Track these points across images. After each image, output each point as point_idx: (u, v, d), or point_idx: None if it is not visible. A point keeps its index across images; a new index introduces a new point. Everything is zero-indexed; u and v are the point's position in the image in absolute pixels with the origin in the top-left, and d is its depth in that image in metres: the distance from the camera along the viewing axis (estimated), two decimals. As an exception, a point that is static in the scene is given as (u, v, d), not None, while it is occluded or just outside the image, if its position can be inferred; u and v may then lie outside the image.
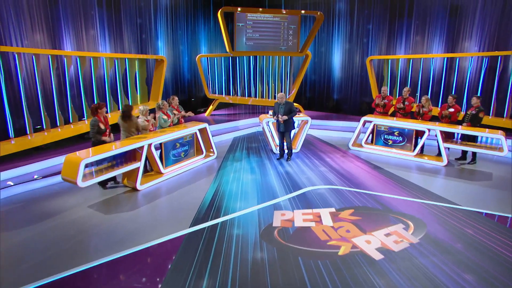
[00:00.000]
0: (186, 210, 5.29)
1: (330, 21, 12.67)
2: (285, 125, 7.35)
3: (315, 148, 8.76)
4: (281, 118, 7.25)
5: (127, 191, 6.08)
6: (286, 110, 7.25)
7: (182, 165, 7.09)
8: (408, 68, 10.61)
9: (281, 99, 7.29)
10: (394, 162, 7.65)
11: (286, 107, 7.26)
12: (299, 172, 6.98)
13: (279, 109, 7.28)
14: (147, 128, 6.58)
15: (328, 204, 5.49)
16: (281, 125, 7.38)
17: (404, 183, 6.39)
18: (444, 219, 4.99)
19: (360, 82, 12.42)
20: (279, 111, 7.29)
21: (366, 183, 6.38)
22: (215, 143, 9.01)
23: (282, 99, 7.30)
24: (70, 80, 8.03)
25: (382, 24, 11.63)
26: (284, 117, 7.23)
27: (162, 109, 6.90)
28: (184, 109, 12.89)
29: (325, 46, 13.04)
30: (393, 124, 7.90)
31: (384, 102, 8.26)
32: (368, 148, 8.34)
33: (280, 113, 7.27)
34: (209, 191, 6.01)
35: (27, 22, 7.92)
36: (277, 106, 7.36)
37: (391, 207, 5.36)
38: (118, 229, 4.73)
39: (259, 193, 5.93)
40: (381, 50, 11.75)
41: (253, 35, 10.02)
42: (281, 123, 7.33)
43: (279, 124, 7.40)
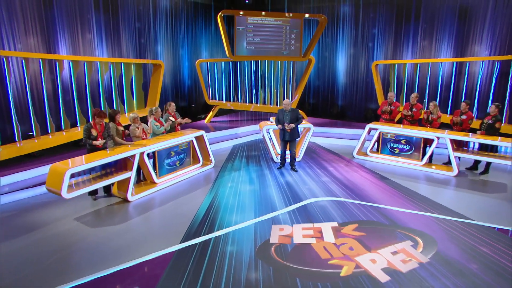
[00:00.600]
0: (178, 224, 5.00)
1: (335, 25, 12.41)
2: (291, 133, 7.00)
3: (318, 156, 8.44)
4: (288, 126, 6.89)
5: (117, 202, 5.81)
6: (293, 118, 6.94)
7: (177, 174, 6.81)
8: (416, 73, 10.29)
9: (286, 106, 6.95)
10: (401, 172, 7.31)
11: (293, 115, 6.95)
12: (300, 182, 6.66)
13: (285, 117, 6.94)
14: (139, 136, 6.32)
15: (330, 218, 5.16)
16: (287, 134, 7.01)
17: (412, 195, 6.05)
18: (456, 235, 4.64)
19: (365, 88, 12.12)
20: (284, 119, 6.94)
21: (371, 194, 6.04)
22: (214, 151, 8.74)
23: (288, 106, 6.96)
24: (63, 86, 7.80)
25: (388, 28, 11.35)
26: (291, 126, 6.89)
27: (154, 116, 6.65)
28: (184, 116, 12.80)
29: (329, 50, 12.77)
30: (400, 131, 7.57)
31: (391, 109, 7.94)
32: (374, 157, 8.01)
33: (286, 121, 6.92)
34: (204, 203, 5.72)
35: (20, 25, 7.75)
36: (282, 113, 7.00)
37: (398, 222, 5.02)
38: (103, 245, 4.44)
39: (257, 205, 5.62)
40: (387, 54, 11.45)
41: (254, 39, 9.78)
42: (288, 131, 6.96)
43: (285, 132, 7.01)
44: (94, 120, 5.63)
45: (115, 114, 6.04)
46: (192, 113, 12.95)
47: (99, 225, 5.00)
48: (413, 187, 6.39)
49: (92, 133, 5.64)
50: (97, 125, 5.67)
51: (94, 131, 5.65)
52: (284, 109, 6.96)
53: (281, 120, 6.99)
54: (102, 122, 5.69)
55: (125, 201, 5.82)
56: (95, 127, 5.66)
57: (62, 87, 7.76)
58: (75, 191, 4.98)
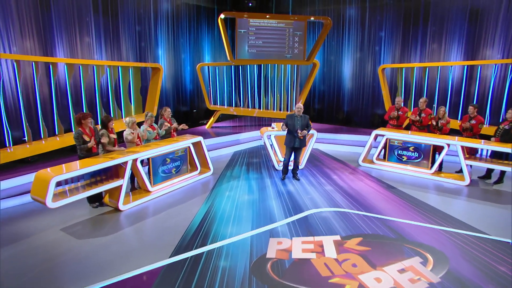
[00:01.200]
0: (169, 236, 4.73)
1: (340, 29, 12.15)
2: (302, 140, 6.64)
3: (322, 164, 8.13)
4: (301, 133, 6.48)
5: (108, 212, 5.56)
6: (304, 124, 6.58)
7: (173, 182, 6.55)
8: (424, 78, 9.94)
9: (299, 111, 6.57)
10: (409, 180, 6.96)
11: (304, 121, 6.59)
12: (302, 191, 6.35)
13: (296, 123, 6.55)
14: (133, 141, 6.09)
15: (332, 230, 4.84)
16: (297, 141, 6.60)
17: (421, 205, 5.70)
18: (469, 251, 4.29)
19: (372, 93, 11.79)
20: (296, 125, 6.54)
21: (376, 205, 5.71)
22: (214, 158, 8.51)
23: (300, 111, 6.59)
24: (57, 89, 7.62)
25: (396, 31, 11.04)
26: (304, 133, 6.51)
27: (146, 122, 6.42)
28: (186, 121, 12.58)
29: (335, 54, 12.49)
30: (408, 138, 7.23)
31: (398, 114, 7.61)
32: (380, 165, 7.67)
33: (298, 126, 6.53)
34: (199, 213, 5.44)
35: (16, 28, 7.61)
36: (293, 119, 6.57)
37: (406, 236, 4.68)
38: (87, 258, 4.18)
39: (254, 216, 5.32)
40: (394, 58, 11.13)
41: (256, 42, 9.53)
42: (299, 138, 6.56)
43: (295, 139, 6.59)
44: (82, 125, 5.39)
45: (108, 120, 5.77)
46: (193, 119, 12.75)
47: (86, 236, 4.75)
48: (422, 197, 6.05)
49: (85, 139, 5.41)
50: (86, 128, 5.44)
51: (86, 136, 5.43)
52: (296, 114, 6.58)
53: (292, 126, 6.57)
54: (90, 125, 5.46)
55: (117, 210, 5.57)
56: (85, 132, 5.43)
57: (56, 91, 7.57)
58: (61, 200, 4.73)
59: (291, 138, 6.64)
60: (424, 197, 6.06)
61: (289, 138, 6.68)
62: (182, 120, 12.61)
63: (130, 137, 6.05)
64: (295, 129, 6.53)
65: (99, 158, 5.38)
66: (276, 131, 7.59)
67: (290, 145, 6.71)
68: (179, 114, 12.52)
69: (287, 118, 6.66)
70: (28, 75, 7.31)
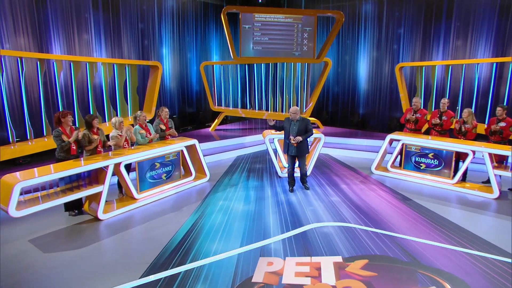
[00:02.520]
0: (146, 251, 4.21)
1: (356, 26, 11.47)
2: (298, 148, 5.95)
3: (330, 171, 7.47)
4: (294, 140, 5.82)
5: (87, 221, 5.11)
6: (302, 129, 5.90)
7: (163, 189, 6.05)
8: (447, 77, 9.12)
9: (294, 115, 5.88)
10: (428, 192, 6.22)
11: (301, 125, 5.91)
12: (305, 202, 5.73)
13: (291, 128, 5.92)
14: (120, 144, 5.62)
15: (333, 249, 4.20)
16: (292, 148, 5.96)
17: (440, 222, 4.98)
18: (498, 280, 3.57)
19: (389, 94, 11.03)
20: (290, 131, 5.93)
21: (388, 220, 5.02)
22: (214, 162, 8.04)
23: (296, 114, 5.89)
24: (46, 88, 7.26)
25: (416, 27, 10.28)
26: (297, 139, 5.82)
27: (139, 121, 5.95)
28: (193, 124, 12.17)
29: (350, 54, 11.80)
30: (427, 143, 6.50)
31: (416, 117, 6.88)
32: (395, 173, 6.96)
33: (293, 132, 5.88)
34: (185, 225, 4.90)
35: (9, 23, 7.34)
36: (288, 123, 5.97)
37: (421, 259, 3.99)
38: (50, 276, 3.72)
39: (246, 230, 4.74)
40: (414, 57, 10.36)
41: (262, 39, 8.97)
42: (294, 145, 5.92)
43: (290, 146, 5.97)
44: (61, 125, 4.98)
45: (92, 119, 5.34)
46: (199, 120, 12.30)
47: (54, 249, 4.28)
48: (442, 212, 5.31)
49: (63, 139, 4.99)
50: (66, 127, 5.02)
51: (65, 136, 5.01)
52: (291, 118, 5.94)
53: (287, 131, 6.00)
54: (71, 124, 5.04)
55: (97, 219, 5.11)
56: (65, 132, 5.01)
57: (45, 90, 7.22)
58: (28, 208, 4.30)
59: (286, 145, 6.08)
60: (444, 212, 5.33)
61: (285, 144, 6.12)
62: (188, 122, 12.24)
63: (116, 139, 5.59)
64: (289, 136, 5.94)
65: (77, 161, 4.93)
66: (279, 134, 7.00)
67: (286, 152, 6.16)
68: (184, 116, 12.12)
69: (284, 122, 6.07)
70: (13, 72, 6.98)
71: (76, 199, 5.17)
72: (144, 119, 6.08)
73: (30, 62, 7.18)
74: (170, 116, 10.52)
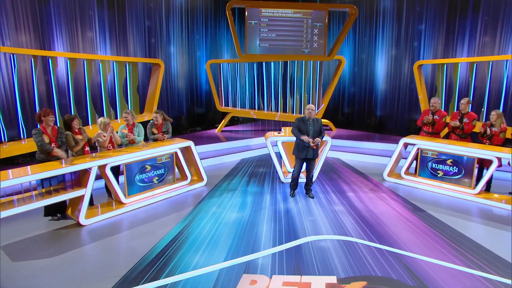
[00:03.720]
0: (121, 263, 3.86)
1: (373, 22, 10.86)
2: (315, 150, 5.51)
3: (339, 177, 6.94)
4: (315, 142, 5.38)
5: (68, 226, 4.83)
6: (317, 130, 5.49)
7: (154, 193, 5.72)
8: (471, 76, 8.36)
9: (311, 113, 5.44)
10: (445, 202, 5.60)
11: (317, 126, 5.49)
12: (305, 211, 5.25)
13: (308, 128, 5.46)
14: (104, 146, 5.33)
15: (328, 268, 3.72)
16: (310, 151, 5.48)
17: (457, 238, 4.39)
18: (523, 316, 2.99)
19: (409, 95, 10.35)
20: (308, 131, 5.45)
21: (395, 234, 4.47)
22: (216, 165, 7.74)
23: (312, 113, 5.45)
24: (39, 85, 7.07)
25: (438, 23, 9.58)
26: (317, 141, 5.40)
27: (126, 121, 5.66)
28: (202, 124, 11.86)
29: (367, 52, 11.20)
30: (445, 148, 5.87)
31: (434, 119, 6.26)
32: (409, 181, 6.36)
33: (310, 133, 5.43)
34: (169, 234, 4.53)
35: (10, 20, 7.24)
36: (304, 123, 5.46)
37: (430, 283, 3.45)
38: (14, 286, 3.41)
39: (234, 241, 4.32)
40: (436, 55, 9.65)
41: (269, 35, 8.52)
42: (313, 148, 5.45)
43: (308, 149, 5.46)
44: (42, 123, 4.72)
45: (71, 120, 5.03)
46: (209, 121, 11.99)
47: (24, 257, 4.00)
48: (460, 227, 4.71)
49: (45, 140, 4.73)
50: (48, 127, 4.75)
51: (46, 137, 4.74)
52: (307, 117, 5.47)
53: (304, 132, 5.45)
54: (52, 124, 4.77)
55: (79, 225, 4.81)
56: (46, 132, 4.75)
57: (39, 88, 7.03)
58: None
59: (304, 147, 5.50)
60: (463, 227, 4.72)
61: (300, 147, 5.53)
62: (196, 123, 11.96)
63: (100, 140, 5.30)
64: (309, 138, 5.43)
65: (58, 163, 4.66)
66: (283, 137, 6.55)
67: (301, 155, 5.56)
68: (193, 116, 11.84)
69: (297, 122, 5.53)
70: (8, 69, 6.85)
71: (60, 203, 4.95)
72: (130, 119, 5.73)
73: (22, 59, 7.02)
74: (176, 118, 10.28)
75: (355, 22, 11.23)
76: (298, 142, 5.54)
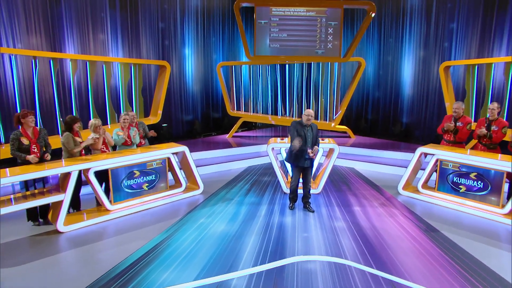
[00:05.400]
0: (83, 277, 3.60)
1: (400, 22, 10.17)
2: (311, 159, 5.16)
3: (348, 189, 6.38)
4: (313, 152, 5.00)
5: (47, 232, 4.67)
6: (315, 136, 5.11)
7: (144, 200, 5.47)
8: (507, 79, 7.48)
9: (310, 118, 5.02)
10: (467, 222, 4.92)
11: (315, 132, 5.11)
12: (300, 226, 4.78)
13: (307, 134, 5.03)
14: (97, 148, 5.18)
15: (309, 296, 3.25)
16: (307, 159, 5.10)
17: (476, 269, 3.74)
18: None
19: (438, 101, 9.53)
20: (307, 138, 5.02)
21: (399, 259, 3.90)
22: (221, 172, 7.50)
23: (311, 120, 5.05)
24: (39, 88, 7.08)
25: (473, 20, 8.75)
26: (315, 150, 5.04)
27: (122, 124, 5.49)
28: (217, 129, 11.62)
29: (393, 54, 10.50)
30: (468, 160, 5.18)
31: (456, 126, 5.58)
32: (427, 195, 5.69)
33: (308, 140, 5.01)
34: (145, 246, 4.24)
35: (22, 23, 7.38)
36: (301, 128, 5.03)
37: (427, 324, 2.89)
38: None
39: (213, 258, 3.94)
40: (469, 56, 8.81)
41: (280, 35, 8.10)
42: (312, 157, 5.07)
43: (304, 158, 5.05)
44: (22, 125, 4.61)
45: (73, 122, 4.94)
46: (225, 126, 11.73)
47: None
48: (480, 254, 4.04)
49: (23, 142, 4.61)
50: (28, 129, 4.63)
51: (25, 139, 4.63)
52: (305, 123, 5.04)
53: (304, 139, 5.00)
54: (32, 125, 4.65)
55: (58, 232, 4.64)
56: (26, 134, 4.63)
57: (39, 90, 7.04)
58: (-34, 216, 3.91)
59: (299, 155, 5.06)
60: (484, 254, 4.05)
61: (294, 155, 5.09)
62: (212, 128, 11.74)
63: (91, 142, 5.13)
64: (306, 145, 5.00)
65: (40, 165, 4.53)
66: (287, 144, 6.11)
67: (296, 163, 5.14)
68: (208, 121, 11.64)
69: (294, 127, 5.09)
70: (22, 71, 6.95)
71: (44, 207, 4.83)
72: (127, 120, 5.57)
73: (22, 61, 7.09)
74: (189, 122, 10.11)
75: (379, 22, 10.61)
76: (292, 148, 5.10)
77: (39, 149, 4.72)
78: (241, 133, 10.97)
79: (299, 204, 5.51)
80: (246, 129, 12.01)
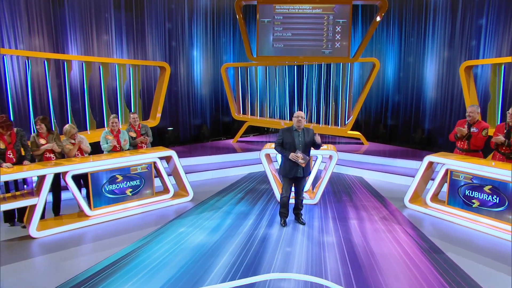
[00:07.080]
0: (41, 285, 3.47)
1: (422, 19, 9.65)
2: (305, 167, 4.74)
3: (349, 200, 6.00)
4: (303, 160, 4.59)
5: (20, 237, 4.62)
6: (308, 143, 4.70)
7: (127, 206, 5.36)
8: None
9: (299, 123, 4.65)
10: (478, 243, 4.43)
11: (308, 137, 4.69)
12: (285, 240, 4.48)
13: (296, 140, 4.68)
14: (71, 155, 5.11)
15: (272, 321, 2.96)
16: (300, 169, 4.71)
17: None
18: None
19: (463, 105, 8.87)
20: (296, 144, 4.66)
21: (388, 285, 3.52)
22: (219, 178, 7.31)
23: (301, 122, 4.67)
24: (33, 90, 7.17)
25: (504, 15, 8.11)
26: (306, 158, 4.62)
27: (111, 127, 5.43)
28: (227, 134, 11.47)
29: (414, 54, 9.97)
30: (481, 171, 4.69)
31: (471, 133, 5.10)
32: (436, 209, 5.22)
33: (299, 146, 4.66)
34: (113, 256, 4.09)
35: (24, 24, 7.55)
36: (290, 134, 4.69)
37: None
38: None
39: (180, 272, 3.73)
40: (501, 55, 8.17)
41: (283, 34, 7.83)
42: (302, 166, 4.66)
43: (298, 167, 4.69)
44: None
45: (38, 121, 4.97)
46: (234, 130, 11.55)
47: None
48: (489, 282, 3.56)
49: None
50: (5, 134, 4.62)
51: (2, 143, 4.62)
52: (296, 127, 4.71)
53: (290, 146, 4.67)
54: (11, 129, 4.63)
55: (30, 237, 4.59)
56: (3, 139, 4.62)
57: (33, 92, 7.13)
58: None
59: (291, 165, 4.69)
60: (494, 282, 3.58)
61: (287, 164, 4.73)
62: (221, 132, 11.60)
63: (66, 149, 5.08)
64: (295, 151, 4.65)
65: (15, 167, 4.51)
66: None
67: (289, 174, 4.74)
68: (217, 125, 11.51)
69: (281, 134, 4.78)
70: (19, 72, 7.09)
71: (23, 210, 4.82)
72: (117, 125, 5.50)
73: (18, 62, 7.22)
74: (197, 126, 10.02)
75: (400, 20, 10.12)
76: (283, 157, 4.79)
77: (15, 155, 4.69)
78: (250, 138, 10.76)
79: (292, 215, 5.21)
80: (258, 133, 11.78)
